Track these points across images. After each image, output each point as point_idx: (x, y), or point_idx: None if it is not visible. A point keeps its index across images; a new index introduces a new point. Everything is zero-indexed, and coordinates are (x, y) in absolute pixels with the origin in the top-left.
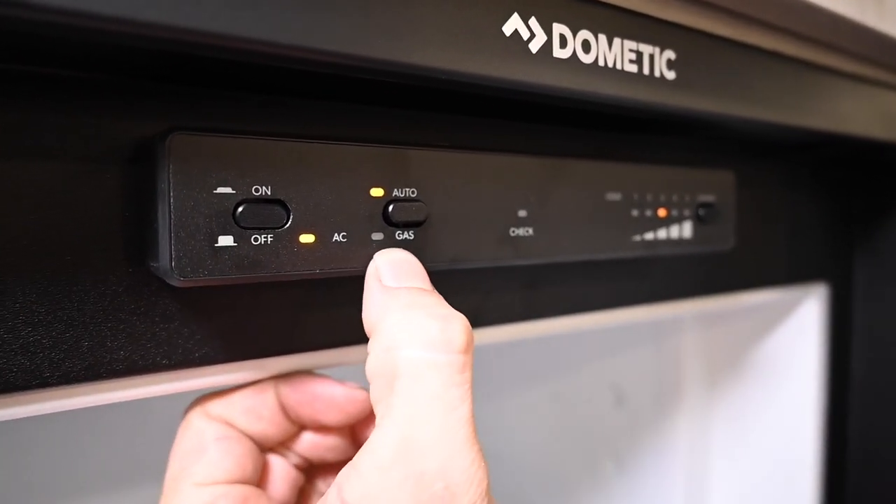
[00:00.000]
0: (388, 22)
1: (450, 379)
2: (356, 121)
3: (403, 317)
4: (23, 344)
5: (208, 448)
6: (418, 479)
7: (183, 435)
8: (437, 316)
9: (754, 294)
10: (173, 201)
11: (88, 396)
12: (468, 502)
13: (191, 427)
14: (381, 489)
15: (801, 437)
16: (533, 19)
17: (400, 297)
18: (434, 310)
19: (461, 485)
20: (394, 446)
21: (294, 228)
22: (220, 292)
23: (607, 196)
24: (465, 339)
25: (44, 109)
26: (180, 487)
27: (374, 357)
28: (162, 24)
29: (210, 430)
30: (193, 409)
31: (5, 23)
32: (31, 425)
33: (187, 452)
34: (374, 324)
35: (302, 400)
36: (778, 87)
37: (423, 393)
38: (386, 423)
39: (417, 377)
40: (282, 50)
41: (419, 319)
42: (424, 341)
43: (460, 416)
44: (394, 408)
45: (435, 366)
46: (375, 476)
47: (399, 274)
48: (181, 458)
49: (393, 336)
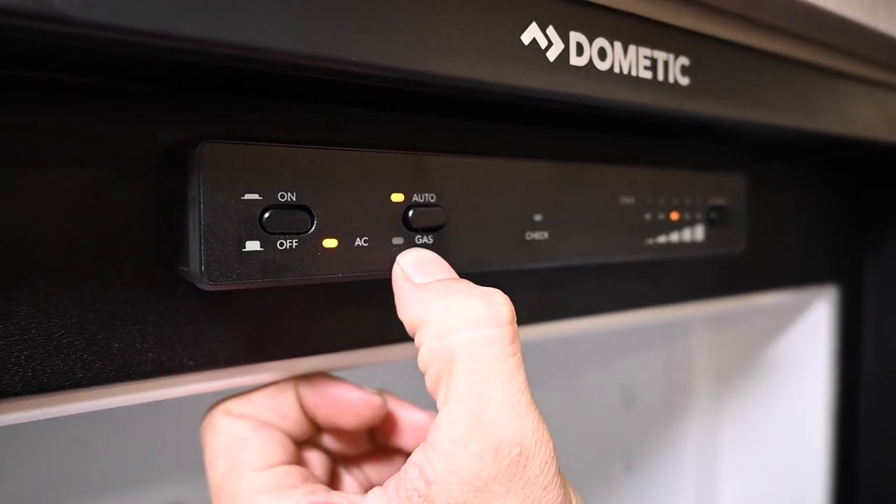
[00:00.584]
0: (411, 34)
1: (504, 350)
2: (378, 128)
3: (447, 304)
4: (56, 346)
5: (249, 438)
6: (497, 448)
7: (213, 436)
8: (478, 294)
9: (765, 296)
10: (203, 208)
11: (118, 397)
12: (541, 461)
13: (219, 427)
14: (462, 463)
15: (811, 438)
16: (550, 28)
17: (435, 289)
18: (472, 290)
19: (533, 447)
20: (467, 422)
21: (318, 233)
22: (244, 295)
23: (621, 200)
24: (510, 311)
25: (77, 117)
26: (239, 477)
27: (426, 348)
28: (197, 38)
29: (240, 424)
30: (215, 411)
31: (46, 36)
32: (48, 425)
33: (228, 447)
34: (417, 319)
35: (320, 402)
36: (790, 92)
37: (482, 368)
38: (453, 402)
39: (475, 355)
40: (311, 61)
41: (462, 302)
42: (473, 320)
43: (519, 383)
44: (457, 388)
45: (488, 341)
46: (455, 452)
47: (426, 270)
48: (225, 454)
49: (441, 323)
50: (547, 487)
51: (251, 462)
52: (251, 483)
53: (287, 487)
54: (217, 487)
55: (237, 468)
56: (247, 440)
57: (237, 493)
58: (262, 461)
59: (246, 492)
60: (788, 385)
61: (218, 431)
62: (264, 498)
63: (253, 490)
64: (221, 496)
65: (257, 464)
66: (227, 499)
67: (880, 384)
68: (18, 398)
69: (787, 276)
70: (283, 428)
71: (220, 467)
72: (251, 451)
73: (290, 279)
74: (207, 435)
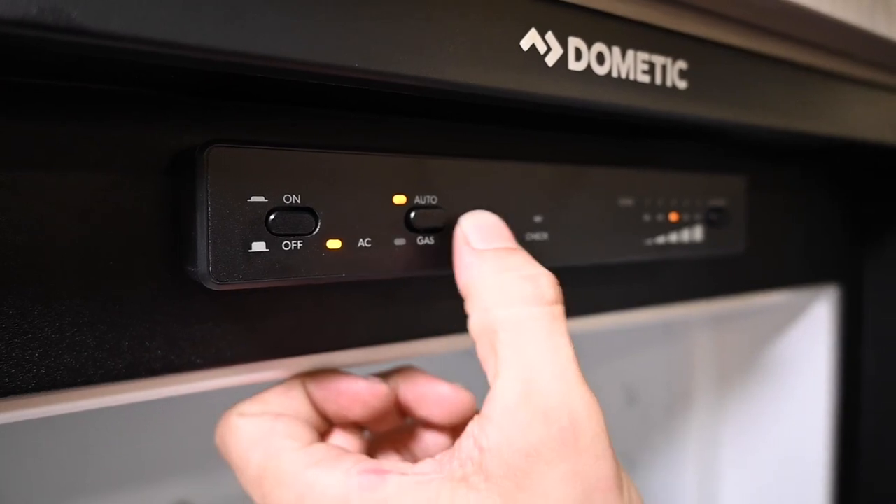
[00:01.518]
0: (411, 40)
1: (550, 326)
2: (381, 131)
3: (498, 279)
4: (69, 344)
5: (276, 426)
6: (546, 416)
7: (234, 437)
8: (528, 276)
9: (766, 295)
10: (211, 210)
11: (129, 394)
12: (592, 431)
13: (238, 428)
14: (514, 430)
15: (812, 438)
16: (549, 34)
17: (490, 259)
18: (524, 270)
19: (583, 416)
20: (517, 391)
21: (322, 235)
22: (251, 295)
23: (620, 201)
24: (555, 292)
25: (88, 123)
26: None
27: (475, 318)
28: (207, 48)
29: (261, 419)
30: (229, 416)
31: (62, 47)
32: (56, 423)
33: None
34: (469, 286)
35: (328, 396)
36: (789, 95)
37: (531, 341)
38: (504, 372)
39: (522, 329)
40: (314, 68)
41: (512, 280)
42: (521, 298)
43: (567, 356)
44: (507, 359)
45: (535, 317)
46: (507, 420)
47: (486, 236)
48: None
49: (491, 297)
50: (600, 458)
51: (287, 444)
52: (295, 461)
53: (333, 458)
54: (257, 478)
55: (275, 453)
56: (274, 428)
57: (283, 473)
58: (298, 442)
59: (293, 469)
60: (789, 385)
61: (239, 431)
62: (314, 471)
63: (300, 466)
64: (265, 484)
65: (294, 444)
66: (272, 483)
67: (881, 384)
68: (33, 395)
69: (787, 276)
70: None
71: (255, 459)
72: (282, 436)
73: (295, 279)
74: (228, 439)
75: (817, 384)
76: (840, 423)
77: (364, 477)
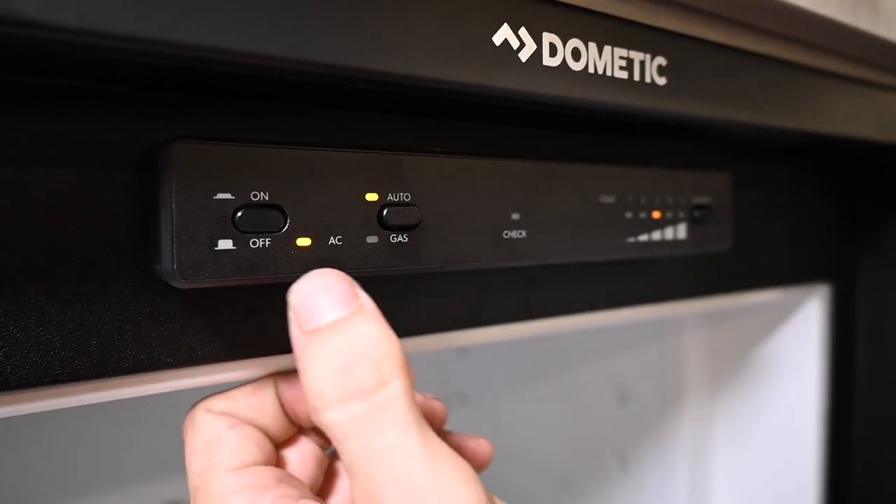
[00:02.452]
0: (382, 35)
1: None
2: (351, 127)
3: (316, 376)
4: (35, 342)
5: (225, 436)
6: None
7: (192, 434)
8: (341, 367)
9: (757, 294)
10: (175, 207)
11: (97, 393)
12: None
13: (199, 425)
14: None
15: (804, 436)
16: (523, 29)
17: (311, 349)
18: (338, 358)
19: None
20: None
21: (291, 232)
22: (221, 293)
23: (600, 199)
24: (377, 378)
25: (52, 120)
26: (214, 477)
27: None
28: (163, 41)
29: (219, 422)
30: (196, 409)
31: (11, 39)
32: (45, 423)
33: (205, 445)
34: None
35: (299, 397)
36: (770, 91)
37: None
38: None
39: (346, 436)
40: (281, 63)
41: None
42: (337, 398)
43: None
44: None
45: (356, 420)
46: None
47: (312, 311)
48: (202, 453)
49: (313, 399)
50: None
51: (225, 461)
52: (224, 483)
53: (259, 488)
54: (193, 487)
55: (211, 467)
56: (221, 439)
57: (210, 493)
58: (237, 460)
59: (218, 492)
60: (781, 383)
61: (197, 429)
62: (234, 499)
63: (225, 490)
64: (197, 496)
65: (231, 463)
66: (201, 499)
67: (872, 382)
68: None
69: (779, 275)
70: (263, 425)
71: (196, 466)
72: (226, 449)
73: (264, 277)
74: (187, 433)
75: (809, 383)
76: (831, 421)
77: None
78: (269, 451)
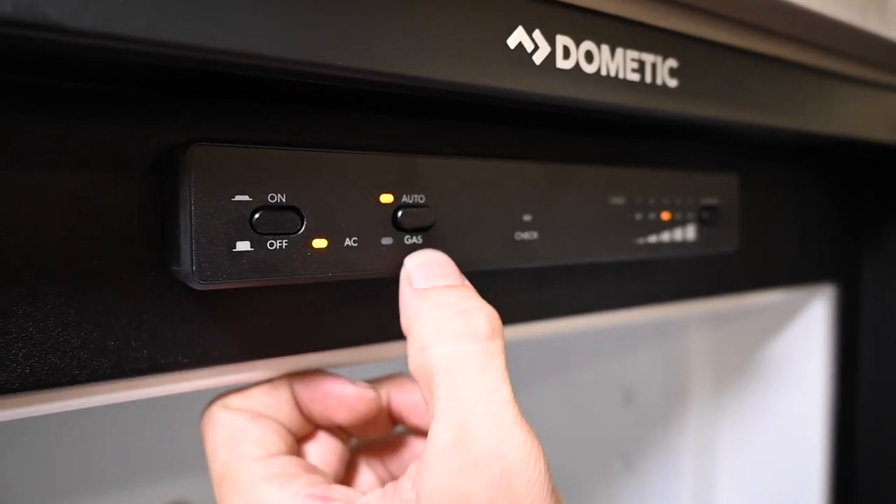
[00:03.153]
0: (398, 39)
1: (484, 364)
2: (367, 129)
3: (432, 317)
4: (53, 343)
5: (248, 428)
6: (476, 465)
7: (212, 428)
8: (462, 311)
9: (762, 294)
10: (194, 209)
11: (114, 394)
12: (528, 480)
13: (217, 420)
14: (446, 478)
15: (809, 437)
16: (537, 32)
17: (429, 299)
18: (459, 305)
19: (517, 465)
20: (450, 436)
21: (307, 234)
22: (236, 294)
23: (611, 200)
24: (490, 328)
25: (72, 122)
26: (242, 466)
27: (411, 358)
28: (183, 45)
29: (239, 416)
30: (213, 405)
31: (37, 44)
32: (52, 424)
33: (228, 437)
34: (408, 327)
35: (314, 397)
36: (780, 93)
37: (464, 381)
38: (439, 413)
39: (453, 369)
40: (299, 66)
41: (445, 317)
42: (453, 336)
43: (503, 397)
44: (440, 399)
45: (468, 355)
46: (440, 466)
47: (428, 274)
48: (225, 444)
49: (424, 336)
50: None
51: (251, 451)
52: (253, 472)
53: (289, 476)
54: (219, 477)
55: (238, 457)
56: (246, 430)
57: (239, 480)
58: (262, 450)
59: (248, 480)
60: (786, 383)
61: (216, 424)
62: (266, 486)
63: (255, 478)
64: (223, 486)
65: (257, 453)
66: (229, 488)
67: (878, 383)
68: (17, 395)
69: (784, 275)
70: (280, 422)
71: (221, 457)
72: (251, 440)
73: (281, 279)
74: (206, 429)
75: (814, 383)
76: (837, 422)
77: (310, 501)
78: (291, 443)
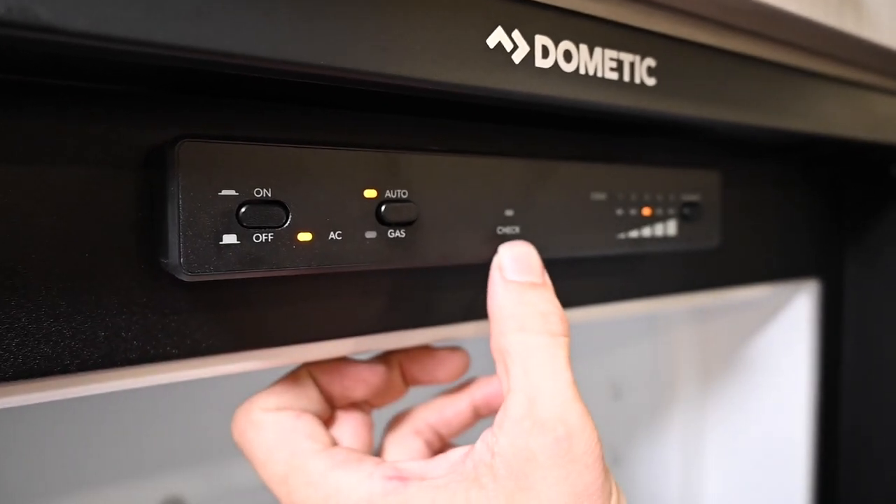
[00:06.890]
0: (378, 38)
1: (554, 354)
2: (351, 127)
3: (516, 310)
4: (45, 333)
5: (297, 427)
6: (544, 426)
7: (258, 433)
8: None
9: (746, 290)
10: (182, 203)
11: (105, 383)
12: (585, 443)
13: (261, 424)
14: (518, 437)
15: (794, 431)
16: (516, 32)
17: (515, 291)
18: (540, 306)
19: (577, 428)
20: (523, 404)
21: (293, 227)
22: (224, 287)
23: (592, 196)
24: (563, 328)
25: (65, 119)
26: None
27: (494, 340)
28: (171, 45)
29: (283, 416)
30: (249, 412)
31: (29, 44)
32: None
33: (282, 438)
34: (494, 311)
35: (333, 379)
36: (758, 92)
37: (537, 364)
38: (514, 387)
39: (530, 354)
40: (281, 65)
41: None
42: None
43: (566, 379)
44: (517, 377)
45: (542, 346)
46: (513, 429)
47: (518, 268)
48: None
49: (509, 324)
50: (590, 467)
51: (311, 447)
52: (322, 462)
53: (355, 461)
54: (282, 476)
55: (300, 453)
56: (295, 428)
57: (310, 472)
58: (319, 443)
59: (319, 470)
60: (771, 378)
61: (261, 427)
62: (339, 472)
63: (325, 467)
64: (291, 482)
65: (315, 446)
66: (299, 484)
67: (861, 377)
68: (9, 383)
69: (768, 271)
70: (313, 410)
71: (280, 457)
72: (304, 436)
73: (266, 271)
74: (250, 434)
75: (799, 377)
76: (821, 415)
77: (388, 483)
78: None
